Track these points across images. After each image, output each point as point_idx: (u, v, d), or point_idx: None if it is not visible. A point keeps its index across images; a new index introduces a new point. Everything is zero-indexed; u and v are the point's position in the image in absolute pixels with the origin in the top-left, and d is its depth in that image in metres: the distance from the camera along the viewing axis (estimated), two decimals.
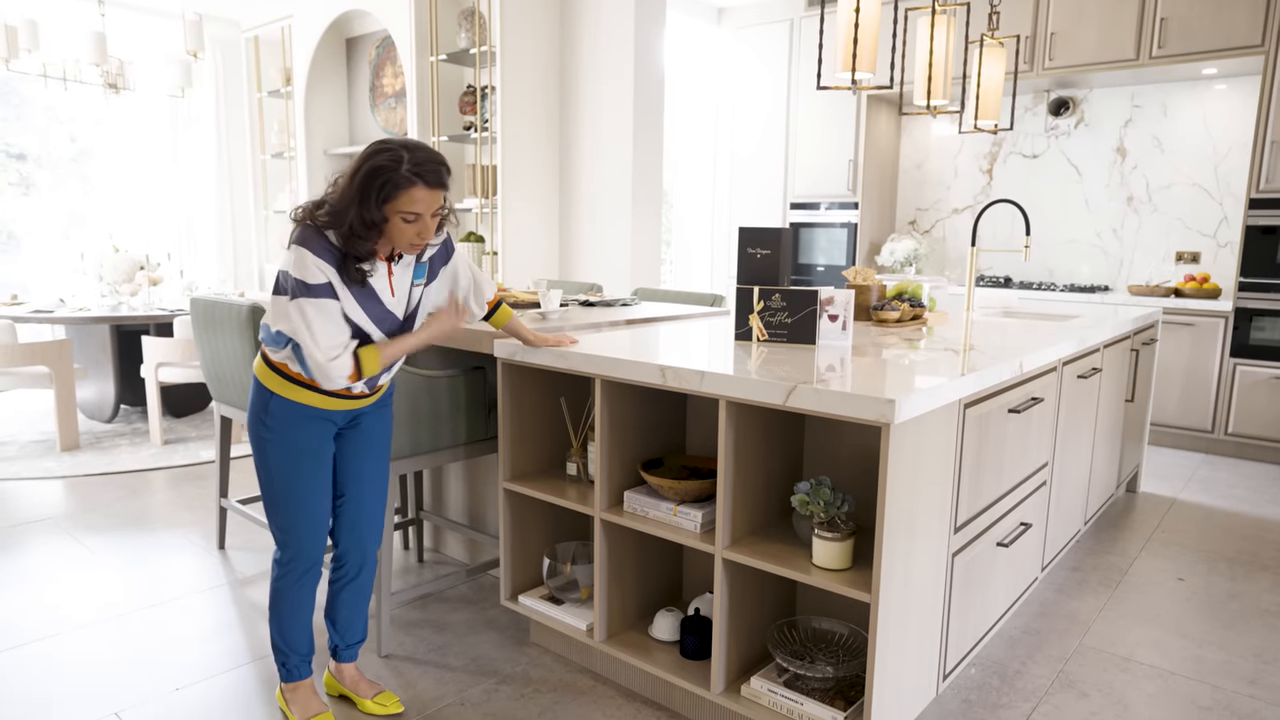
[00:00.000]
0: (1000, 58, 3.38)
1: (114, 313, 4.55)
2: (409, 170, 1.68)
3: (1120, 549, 3.24)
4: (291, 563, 1.94)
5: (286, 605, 1.97)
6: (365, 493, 2.03)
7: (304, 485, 1.89)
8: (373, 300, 1.81)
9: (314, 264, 1.70)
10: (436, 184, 1.72)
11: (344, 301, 1.76)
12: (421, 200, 1.71)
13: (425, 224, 1.74)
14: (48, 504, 3.62)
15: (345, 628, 2.11)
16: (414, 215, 1.72)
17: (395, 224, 1.72)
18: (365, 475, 2.02)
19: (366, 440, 2.01)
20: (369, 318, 1.82)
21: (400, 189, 1.68)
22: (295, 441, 1.86)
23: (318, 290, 1.70)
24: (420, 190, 1.70)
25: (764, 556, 1.85)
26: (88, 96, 6.05)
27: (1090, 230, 5.31)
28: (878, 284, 2.92)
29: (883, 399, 1.58)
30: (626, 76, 4.84)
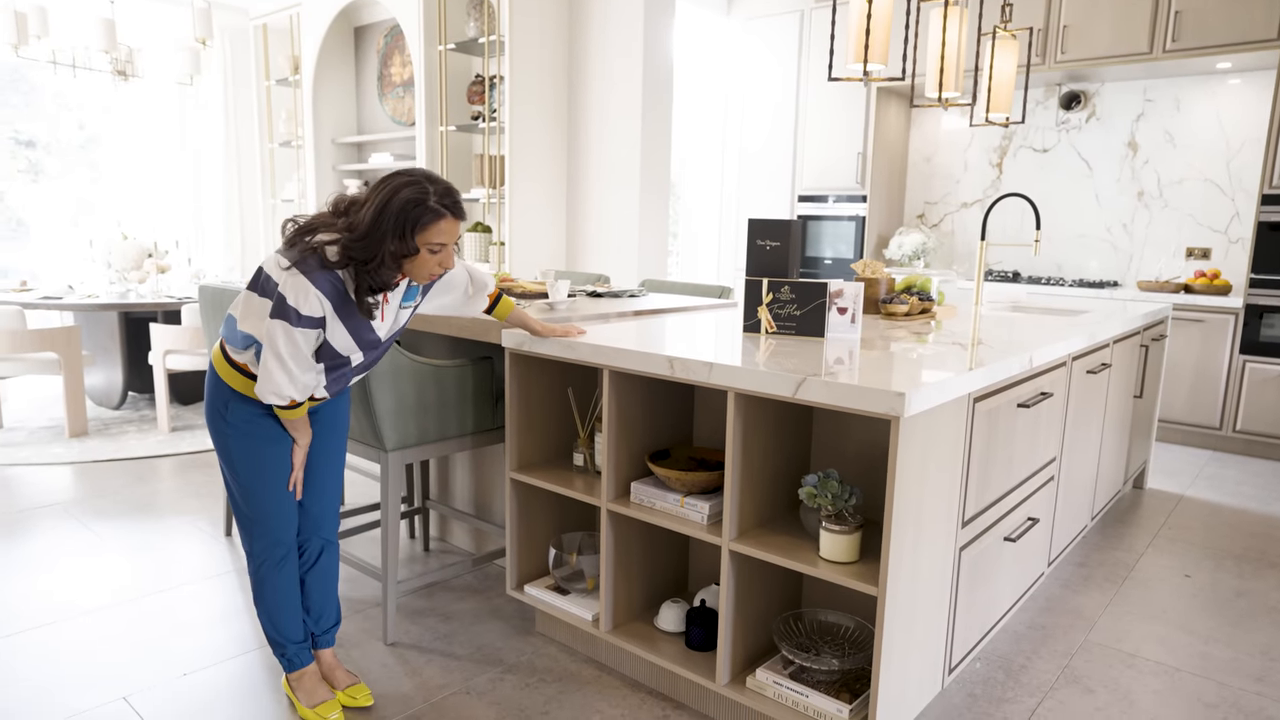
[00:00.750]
0: (1012, 50, 3.36)
1: (122, 300, 4.56)
2: (436, 202, 1.70)
3: (1127, 545, 3.23)
4: (264, 552, 1.94)
5: (270, 595, 1.97)
6: (321, 478, 2.04)
7: (270, 476, 1.89)
8: (363, 327, 1.81)
9: (315, 297, 1.69)
10: (460, 215, 1.76)
11: (332, 329, 1.76)
12: (447, 231, 1.74)
13: (448, 254, 1.78)
14: (56, 489, 3.64)
15: (317, 613, 2.09)
16: (440, 246, 1.74)
17: (421, 256, 1.74)
18: (321, 460, 2.03)
19: (323, 425, 2.02)
20: (357, 344, 1.82)
21: (431, 221, 1.70)
22: (257, 438, 1.87)
23: (306, 321, 1.70)
24: (447, 222, 1.73)
25: (771, 549, 1.85)
26: (96, 84, 6.05)
27: (1100, 225, 5.28)
28: (886, 277, 2.90)
29: (893, 392, 1.57)
30: (635, 67, 4.82)
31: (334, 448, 2.06)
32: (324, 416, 2.03)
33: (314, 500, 2.04)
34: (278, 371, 1.74)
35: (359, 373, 1.95)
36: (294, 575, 2.00)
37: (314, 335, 1.74)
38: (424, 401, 2.36)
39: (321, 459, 2.03)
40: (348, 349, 1.82)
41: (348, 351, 1.83)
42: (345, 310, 1.75)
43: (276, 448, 1.89)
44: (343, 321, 1.76)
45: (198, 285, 2.96)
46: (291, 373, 1.75)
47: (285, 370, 1.74)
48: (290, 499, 1.95)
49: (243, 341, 1.80)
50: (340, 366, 1.86)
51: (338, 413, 2.06)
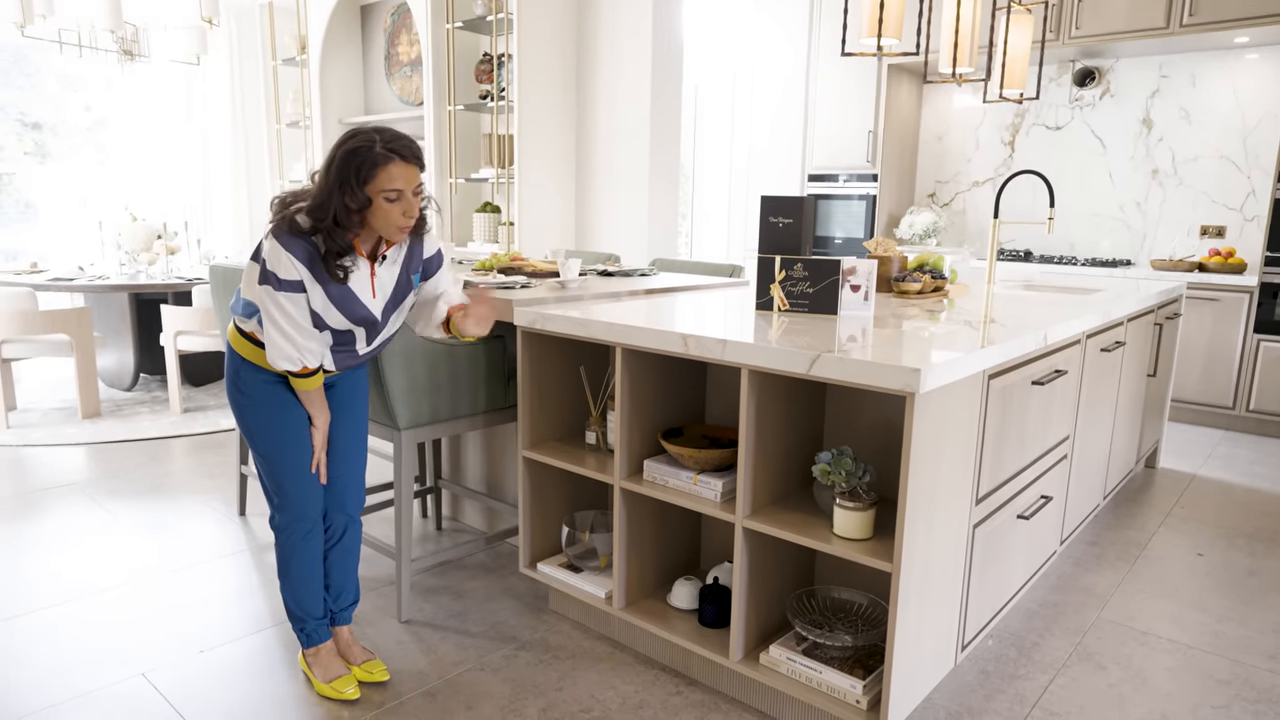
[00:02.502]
0: (1027, 25, 3.31)
1: (132, 281, 4.58)
2: (383, 148, 1.70)
3: (1139, 524, 3.23)
4: (290, 525, 1.96)
5: (294, 569, 1.99)
6: (343, 454, 2.05)
7: (289, 447, 1.91)
8: (349, 299, 1.82)
9: (287, 260, 1.73)
10: (412, 158, 1.74)
11: (312, 295, 1.78)
12: (400, 176, 1.72)
13: (409, 202, 1.74)
14: (70, 470, 3.66)
15: (337, 591, 2.12)
16: (395, 193, 1.72)
17: (379, 206, 1.72)
18: (342, 437, 2.04)
19: (341, 402, 2.03)
20: (344, 315, 1.83)
21: (378, 166, 1.69)
22: (271, 406, 1.89)
23: (287, 285, 1.75)
24: (397, 166, 1.71)
25: (784, 526, 1.85)
26: (102, 64, 6.03)
27: (1113, 204, 5.24)
28: (899, 255, 2.89)
29: (908, 368, 1.57)
30: (645, 45, 4.78)
31: (354, 424, 2.07)
32: (342, 393, 2.03)
33: (337, 477, 2.05)
34: (278, 337, 1.78)
35: (368, 352, 1.96)
36: (318, 550, 2.02)
37: (301, 299, 1.77)
38: (436, 380, 2.37)
39: (343, 436, 2.04)
40: (339, 323, 1.83)
41: (339, 325, 1.83)
42: (323, 276, 1.77)
43: (289, 414, 1.91)
44: (322, 287, 1.77)
45: (208, 266, 2.96)
46: (291, 337, 1.78)
47: (284, 335, 1.78)
48: (302, 487, 1.96)
49: (245, 309, 1.85)
50: (346, 345, 1.88)
51: (355, 389, 2.07)
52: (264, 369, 1.88)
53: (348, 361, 1.95)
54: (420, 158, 1.77)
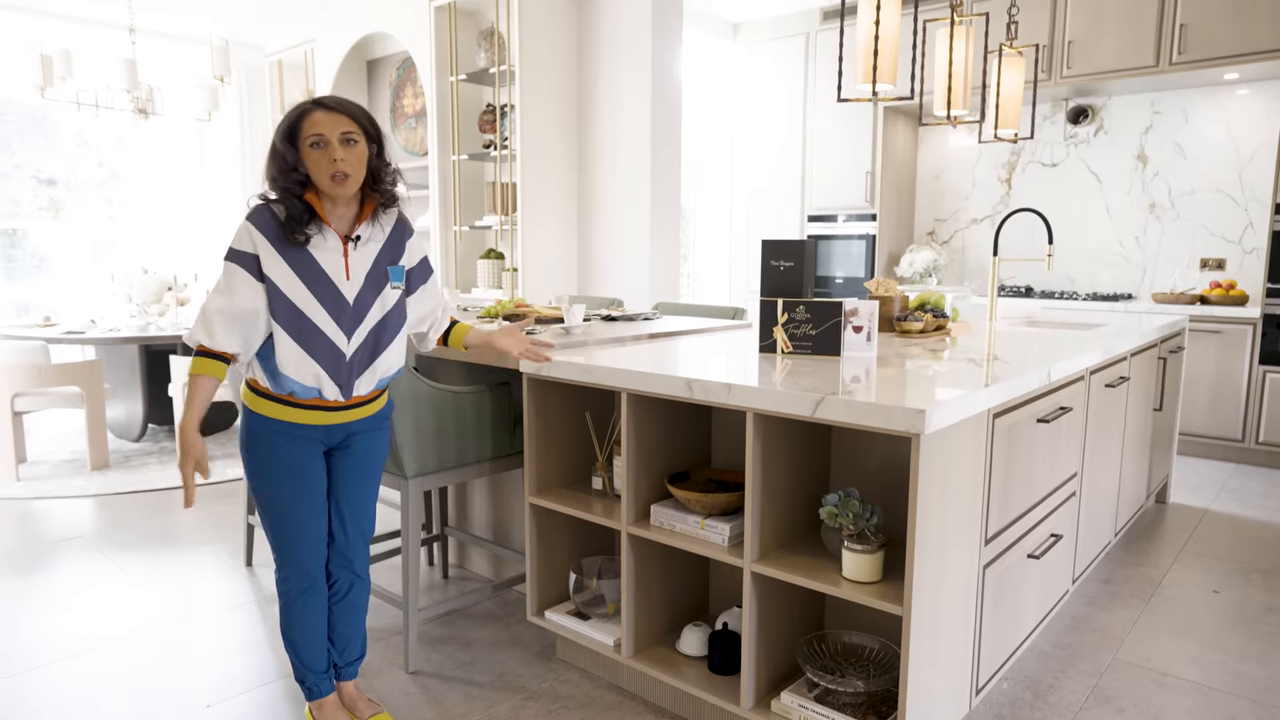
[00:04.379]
0: (1019, 67, 3.36)
1: (142, 333, 4.61)
2: (308, 102, 1.76)
3: (1152, 561, 3.18)
4: (289, 581, 1.93)
5: (295, 624, 1.96)
6: (350, 514, 2.00)
7: (292, 504, 1.87)
8: (316, 273, 1.78)
9: (244, 230, 1.75)
10: (334, 107, 1.75)
11: (271, 264, 1.74)
12: (322, 122, 1.73)
13: (334, 149, 1.73)
14: (79, 522, 3.66)
15: (342, 645, 2.07)
16: (318, 137, 1.73)
17: (307, 155, 1.73)
18: (350, 497, 1.99)
19: (355, 463, 1.97)
20: (319, 303, 1.78)
21: (302, 117, 1.74)
22: (275, 460, 1.85)
23: (233, 255, 1.75)
24: (319, 113, 1.73)
25: (793, 569, 1.83)
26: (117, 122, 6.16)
27: (1112, 238, 5.26)
28: (900, 295, 2.90)
29: (912, 409, 1.56)
30: (644, 93, 4.86)
31: (367, 484, 2.02)
32: (355, 452, 1.97)
33: (343, 534, 2.01)
34: (205, 305, 1.76)
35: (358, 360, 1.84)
36: (321, 606, 1.98)
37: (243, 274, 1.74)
38: (443, 428, 2.37)
39: (352, 493, 1.99)
40: (308, 304, 1.76)
41: (298, 299, 1.76)
42: (283, 244, 1.76)
43: (298, 479, 1.87)
44: (281, 255, 1.75)
45: None
46: (213, 306, 1.74)
47: (210, 304, 1.75)
48: (315, 534, 1.92)
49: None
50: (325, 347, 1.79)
51: (373, 451, 2.00)
52: (268, 417, 1.84)
53: (346, 377, 1.84)
54: (345, 107, 1.76)
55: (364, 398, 1.91)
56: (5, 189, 5.99)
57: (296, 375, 1.79)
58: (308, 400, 1.84)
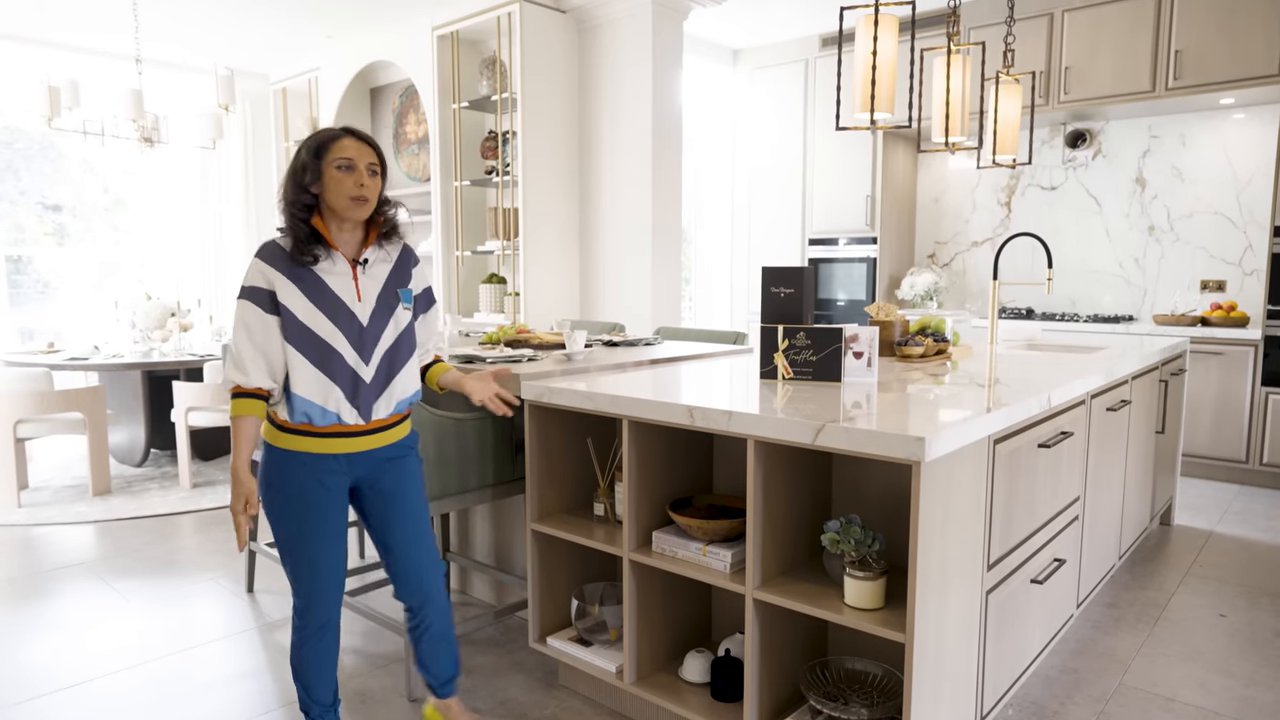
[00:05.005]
0: (1016, 94, 3.41)
1: (145, 359, 4.63)
2: (337, 129, 1.83)
3: (1157, 584, 3.17)
4: (304, 617, 1.91)
5: (306, 660, 1.94)
6: (406, 545, 1.98)
7: (307, 542, 1.85)
8: (330, 298, 1.81)
9: (255, 267, 1.80)
10: (364, 139, 1.84)
11: (287, 294, 1.78)
12: (352, 148, 1.80)
13: (361, 175, 1.80)
14: (80, 549, 3.66)
15: (434, 669, 2.08)
16: (347, 161, 1.79)
17: (332, 177, 1.78)
18: (402, 530, 1.97)
19: (392, 500, 1.95)
20: (334, 325, 1.80)
21: (333, 140, 1.80)
22: (293, 496, 1.83)
23: (246, 291, 1.80)
24: (349, 140, 1.81)
25: (795, 596, 1.84)
26: (122, 149, 6.23)
27: (1112, 260, 5.29)
28: (900, 319, 2.92)
29: (912, 437, 1.57)
30: (645, 119, 4.92)
31: (416, 517, 1.98)
32: (387, 491, 1.95)
33: (405, 566, 1.98)
34: (231, 348, 1.82)
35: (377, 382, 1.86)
36: (332, 644, 1.95)
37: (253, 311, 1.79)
38: (445, 455, 2.38)
39: (401, 529, 1.96)
40: (326, 330, 1.79)
41: (327, 334, 1.79)
42: (294, 272, 1.80)
43: (314, 515, 1.84)
44: (297, 285, 1.79)
45: (221, 344, 3.01)
46: (239, 347, 1.79)
47: (235, 345, 1.80)
48: (330, 573, 1.89)
49: None
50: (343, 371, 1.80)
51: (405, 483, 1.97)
52: (288, 450, 1.84)
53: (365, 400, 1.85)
54: (373, 141, 1.85)
55: (383, 422, 1.91)
56: (11, 215, 6.04)
57: (314, 398, 1.80)
58: (326, 427, 1.83)
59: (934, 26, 5.38)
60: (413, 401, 1.99)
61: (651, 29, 4.83)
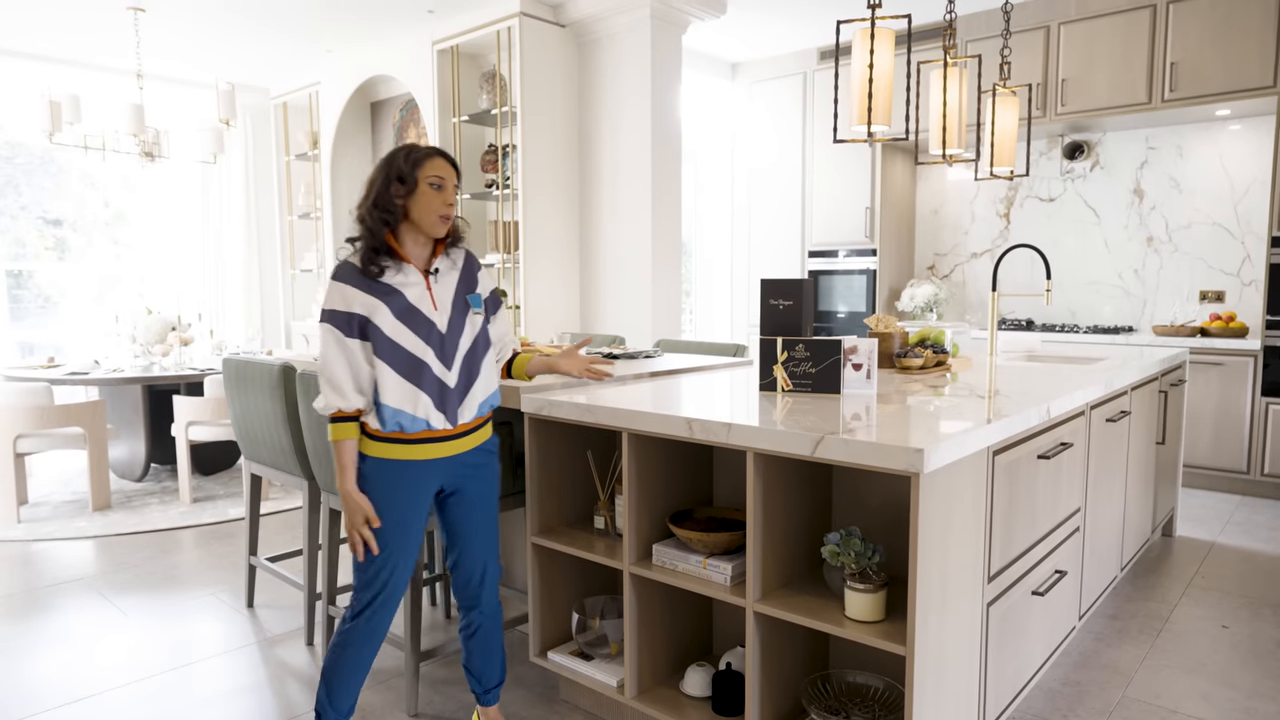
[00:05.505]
0: (1013, 106, 3.43)
1: (146, 373, 4.64)
2: (428, 148, 1.91)
3: (1159, 596, 3.17)
4: (357, 622, 1.95)
5: (342, 663, 1.96)
6: (472, 547, 2.07)
7: (391, 555, 1.92)
8: (413, 312, 1.88)
9: (337, 291, 1.85)
10: (451, 161, 1.93)
11: (378, 317, 1.85)
12: (443, 168, 1.89)
13: (449, 194, 1.89)
14: (80, 564, 3.65)
15: (479, 674, 2.14)
16: (439, 179, 1.88)
17: (424, 192, 1.86)
18: (471, 533, 2.06)
19: (472, 504, 2.04)
20: (417, 336, 1.88)
21: (427, 157, 1.88)
22: (380, 502, 1.91)
23: (326, 315, 1.86)
24: (441, 160, 1.90)
25: (796, 609, 1.84)
26: (123, 163, 6.26)
27: (1111, 271, 5.30)
28: (900, 331, 2.92)
29: (911, 448, 1.58)
30: (645, 133, 4.95)
31: (484, 522, 2.07)
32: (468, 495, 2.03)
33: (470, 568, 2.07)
34: (321, 375, 1.87)
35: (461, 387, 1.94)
36: (371, 655, 1.99)
37: (338, 333, 1.84)
38: None
39: (472, 532, 2.05)
40: (412, 343, 1.86)
41: (413, 346, 1.87)
42: (374, 289, 1.85)
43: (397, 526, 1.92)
44: (384, 303, 1.85)
45: (223, 358, 3.02)
46: (331, 371, 1.84)
47: (326, 370, 1.85)
48: (395, 583, 1.94)
49: None
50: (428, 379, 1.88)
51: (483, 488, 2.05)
52: (382, 459, 1.91)
53: (452, 405, 1.93)
54: (457, 166, 1.95)
55: (469, 425, 1.99)
56: (12, 230, 6.07)
57: (404, 407, 1.87)
58: (417, 434, 1.90)
59: (930, 40, 5.42)
60: (494, 404, 2.06)
61: (650, 43, 4.86)
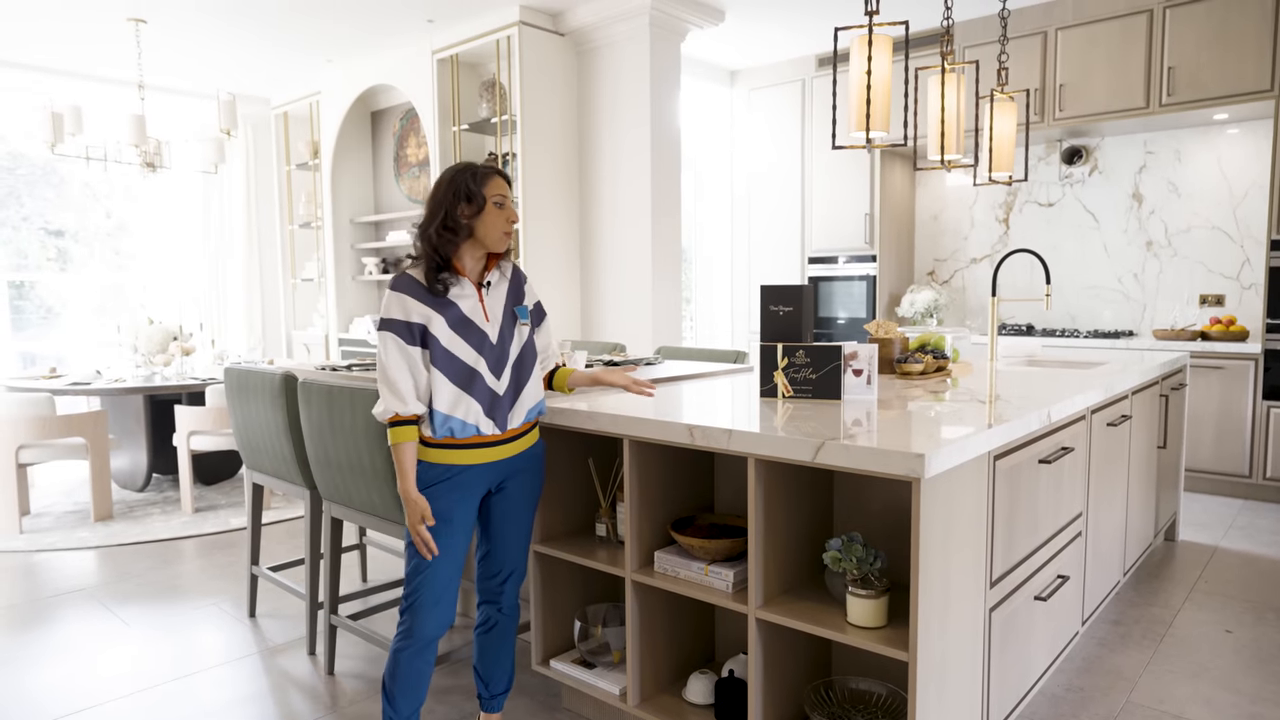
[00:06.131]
0: (1011, 111, 3.44)
1: (148, 383, 4.65)
2: (489, 167, 1.97)
3: (1162, 600, 3.17)
4: (406, 636, 1.97)
5: (399, 677, 1.98)
6: (505, 547, 2.10)
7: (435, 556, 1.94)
8: (467, 323, 1.93)
9: (396, 301, 1.91)
10: (509, 181, 2.00)
11: (436, 328, 1.90)
12: (504, 187, 1.96)
13: (511, 213, 1.95)
14: (82, 574, 3.65)
15: (487, 677, 2.17)
16: (502, 197, 1.94)
17: (490, 211, 1.92)
18: (506, 533, 2.09)
19: (512, 506, 2.08)
20: (470, 346, 1.93)
21: (491, 176, 1.95)
22: (433, 506, 1.94)
23: (384, 324, 1.91)
24: (501, 179, 1.97)
25: (798, 615, 1.84)
26: (125, 174, 6.28)
27: (1111, 276, 5.31)
28: (900, 337, 2.93)
29: (912, 454, 1.58)
30: (644, 140, 4.96)
31: (519, 524, 2.11)
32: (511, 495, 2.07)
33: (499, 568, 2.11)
34: (380, 380, 1.92)
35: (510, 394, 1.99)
36: (428, 666, 2.00)
37: (398, 340, 1.89)
38: None
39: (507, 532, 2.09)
40: (466, 354, 1.92)
41: (467, 357, 1.92)
42: (432, 301, 1.90)
43: (444, 530, 1.95)
44: (442, 316, 1.90)
45: (224, 367, 3.02)
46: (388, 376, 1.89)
47: (384, 376, 1.90)
48: (443, 588, 1.96)
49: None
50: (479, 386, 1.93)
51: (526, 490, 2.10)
52: (434, 464, 1.95)
53: (502, 412, 1.98)
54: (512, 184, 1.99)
55: (516, 431, 2.03)
56: (14, 241, 6.09)
57: (455, 413, 1.92)
58: (467, 439, 1.95)
59: (928, 46, 5.44)
60: (540, 411, 2.10)
61: (649, 51, 4.88)
